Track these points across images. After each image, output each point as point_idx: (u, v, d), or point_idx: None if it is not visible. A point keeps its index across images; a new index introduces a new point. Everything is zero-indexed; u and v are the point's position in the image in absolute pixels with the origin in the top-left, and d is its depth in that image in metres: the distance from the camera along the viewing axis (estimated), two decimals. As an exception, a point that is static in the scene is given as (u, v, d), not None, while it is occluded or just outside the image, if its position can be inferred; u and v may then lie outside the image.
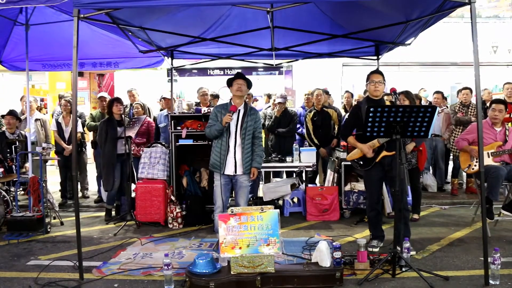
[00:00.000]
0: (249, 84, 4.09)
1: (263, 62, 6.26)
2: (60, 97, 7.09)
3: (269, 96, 7.27)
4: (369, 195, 4.03)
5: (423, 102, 7.02)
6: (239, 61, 6.29)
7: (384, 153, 3.76)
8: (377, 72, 3.87)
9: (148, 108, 6.86)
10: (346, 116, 6.29)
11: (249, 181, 4.15)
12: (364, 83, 4.04)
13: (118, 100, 5.36)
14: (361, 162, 3.96)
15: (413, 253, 3.82)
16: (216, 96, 6.47)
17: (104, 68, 6.45)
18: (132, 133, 5.27)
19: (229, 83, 4.10)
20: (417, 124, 3.27)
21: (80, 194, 6.54)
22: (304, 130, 6.21)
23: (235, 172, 4.05)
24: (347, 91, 7.29)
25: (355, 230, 4.78)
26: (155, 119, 6.40)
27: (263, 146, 6.30)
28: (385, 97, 4.29)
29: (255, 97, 6.99)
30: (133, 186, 5.45)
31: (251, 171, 4.12)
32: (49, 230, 4.88)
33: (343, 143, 5.66)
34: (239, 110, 4.08)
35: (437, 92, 6.77)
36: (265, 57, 6.02)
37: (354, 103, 6.62)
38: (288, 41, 5.38)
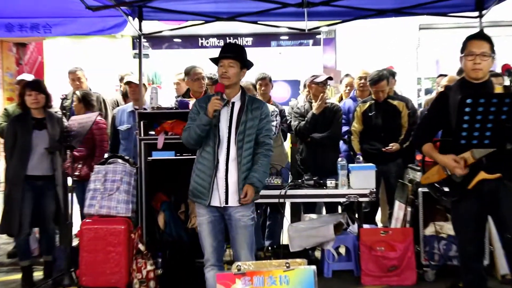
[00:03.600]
0: (245, 63, 4.10)
1: (288, 26, 6.29)
2: None
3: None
4: (460, 244, 3.99)
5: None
6: (250, 23, 6.33)
7: (483, 175, 3.65)
8: (480, 37, 3.79)
9: (104, 100, 6.94)
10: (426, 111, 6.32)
11: (251, 218, 4.14)
12: (458, 57, 3.99)
13: (33, 85, 5.37)
14: (445, 189, 3.92)
15: None
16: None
17: (27, 33, 6.47)
18: (75, 141, 5.31)
19: (215, 62, 4.15)
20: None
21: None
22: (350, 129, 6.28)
23: (226, 202, 4.05)
24: (441, 75, 7.24)
25: (444, 302, 4.74)
26: (113, 119, 6.47)
27: (289, 160, 6.37)
28: (493, 80, 4.22)
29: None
30: (75, 228, 5.48)
31: (243, 190, 4.02)
32: None
33: (420, 156, 5.61)
34: (233, 103, 4.11)
35: None
36: (291, 18, 6.07)
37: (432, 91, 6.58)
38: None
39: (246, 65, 4.12)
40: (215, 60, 4.13)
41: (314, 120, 6.00)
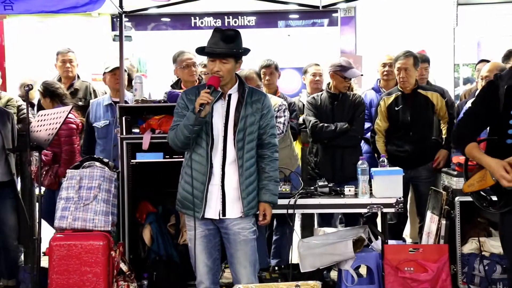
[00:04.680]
0: (239, 52, 4.14)
1: (299, 2, 6.30)
2: None
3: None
4: (511, 266, 4.00)
5: None
6: (252, -1, 6.35)
7: None
8: None
9: (94, 91, 7.08)
10: (469, 104, 6.31)
11: (252, 231, 4.21)
12: (504, 38, 4.01)
13: None
14: (491, 198, 3.93)
15: None
16: None
17: (-17, 11, 6.53)
18: (44, 139, 5.33)
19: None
20: None
21: None
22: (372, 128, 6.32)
23: (223, 214, 4.13)
24: (482, 61, 7.24)
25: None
26: (87, 114, 6.51)
27: (299, 163, 6.39)
28: None
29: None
30: (44, 245, 5.51)
31: (259, 210, 4.24)
32: None
33: (457, 159, 5.63)
34: (229, 96, 4.18)
35: None
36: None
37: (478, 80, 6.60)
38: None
39: (244, 53, 4.16)
40: (203, 51, 4.16)
41: (331, 113, 6.09)
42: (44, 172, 6.07)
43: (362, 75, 6.31)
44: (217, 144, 4.10)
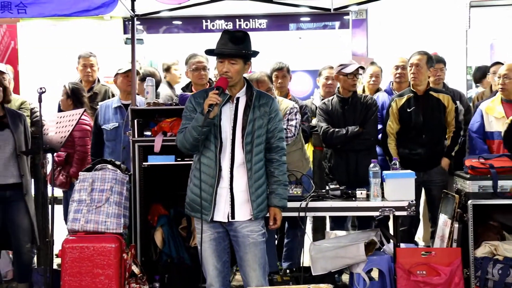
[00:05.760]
0: (248, 53, 4.16)
1: (310, 4, 6.29)
2: None
3: None
4: None
5: None
6: (264, 2, 6.33)
7: None
8: None
9: (113, 95, 7.10)
10: (482, 105, 6.25)
11: (261, 234, 4.23)
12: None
13: None
14: None
15: None
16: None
17: (-3, 15, 6.56)
18: (57, 142, 5.38)
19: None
20: None
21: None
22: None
23: (232, 216, 4.15)
24: (497, 63, 7.18)
25: None
26: (95, 116, 6.52)
27: (311, 166, 6.39)
28: None
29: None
30: (57, 246, 5.54)
31: (268, 213, 4.26)
32: None
33: (470, 162, 5.60)
34: (237, 99, 4.20)
35: None
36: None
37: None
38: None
39: (252, 55, 4.20)
40: (212, 53, 4.20)
41: (342, 116, 6.07)
42: (57, 173, 6.10)
43: (363, 67, 6.25)
44: (225, 147, 4.13)
